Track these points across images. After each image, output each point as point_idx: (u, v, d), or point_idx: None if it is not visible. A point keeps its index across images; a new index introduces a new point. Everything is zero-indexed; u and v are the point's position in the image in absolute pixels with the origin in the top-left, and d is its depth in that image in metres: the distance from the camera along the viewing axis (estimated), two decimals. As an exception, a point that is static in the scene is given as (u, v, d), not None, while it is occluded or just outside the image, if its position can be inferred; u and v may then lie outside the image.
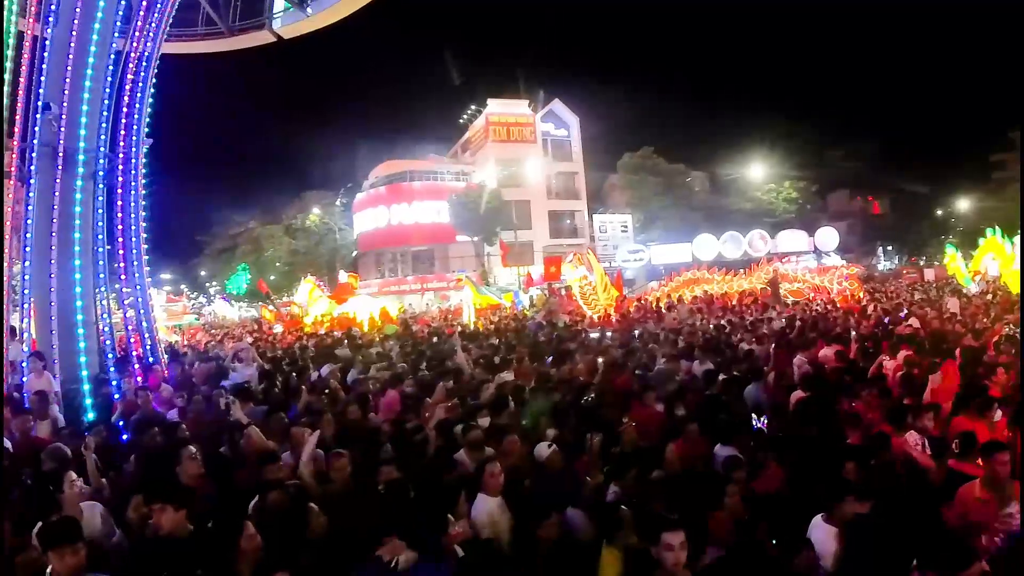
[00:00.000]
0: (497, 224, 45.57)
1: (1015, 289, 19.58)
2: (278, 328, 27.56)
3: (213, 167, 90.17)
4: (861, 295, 24.75)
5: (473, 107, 54.76)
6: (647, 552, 4.01)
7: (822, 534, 4.45)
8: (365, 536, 4.34)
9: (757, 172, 54.53)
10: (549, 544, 4.51)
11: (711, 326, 16.77)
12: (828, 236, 50.08)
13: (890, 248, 58.67)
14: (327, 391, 9.52)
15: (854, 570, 4.18)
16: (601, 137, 54.47)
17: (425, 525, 4.45)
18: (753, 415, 7.79)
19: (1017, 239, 20.81)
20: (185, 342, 24.40)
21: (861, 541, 4.29)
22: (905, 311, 16.99)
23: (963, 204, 54.13)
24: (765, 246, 47.91)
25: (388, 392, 9.20)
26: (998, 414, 6.74)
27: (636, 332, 16.47)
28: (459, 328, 20.47)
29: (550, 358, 12.21)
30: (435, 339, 17.22)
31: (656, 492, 5.14)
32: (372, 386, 9.74)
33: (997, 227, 24.11)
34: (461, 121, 56.83)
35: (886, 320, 15.74)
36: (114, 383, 10.45)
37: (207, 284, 61.41)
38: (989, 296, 20.45)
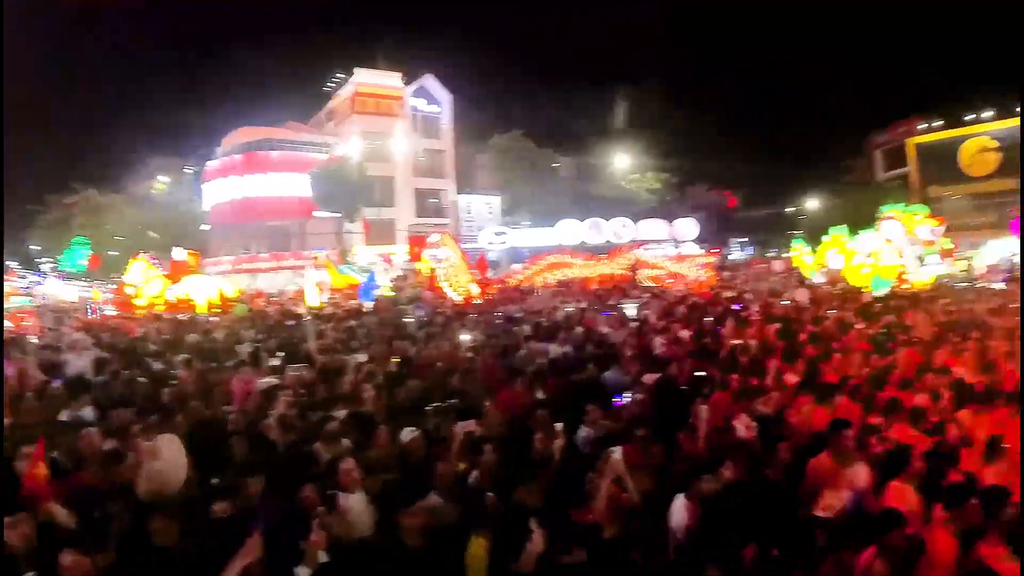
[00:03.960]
0: (360, 200, 44.22)
1: (854, 282, 21.32)
2: (109, 311, 25.56)
3: (46, 126, 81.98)
4: (715, 283, 26.04)
5: (340, 75, 52.52)
6: (515, 541, 3.98)
7: (680, 510, 4.78)
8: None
9: (622, 162, 56.11)
10: (416, 534, 4.37)
11: (571, 310, 16.98)
12: (687, 226, 52.30)
13: (743, 240, 62.79)
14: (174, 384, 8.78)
15: (704, 542, 4.37)
16: (472, 117, 53.85)
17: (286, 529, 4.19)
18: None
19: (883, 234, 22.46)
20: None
21: (712, 516, 4.57)
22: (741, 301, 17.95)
23: (812, 203, 58.43)
24: (627, 233, 49.38)
25: (239, 380, 8.59)
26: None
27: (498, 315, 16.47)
28: (307, 312, 19.43)
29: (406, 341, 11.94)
30: (289, 322, 16.46)
31: (521, 480, 5.01)
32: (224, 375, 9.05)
33: (842, 225, 25.92)
34: (326, 89, 54.45)
35: (736, 307, 16.47)
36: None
37: (39, 260, 55.98)
38: (831, 287, 22.14)
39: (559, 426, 6.20)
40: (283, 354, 10.87)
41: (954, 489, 4.72)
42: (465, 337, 12.04)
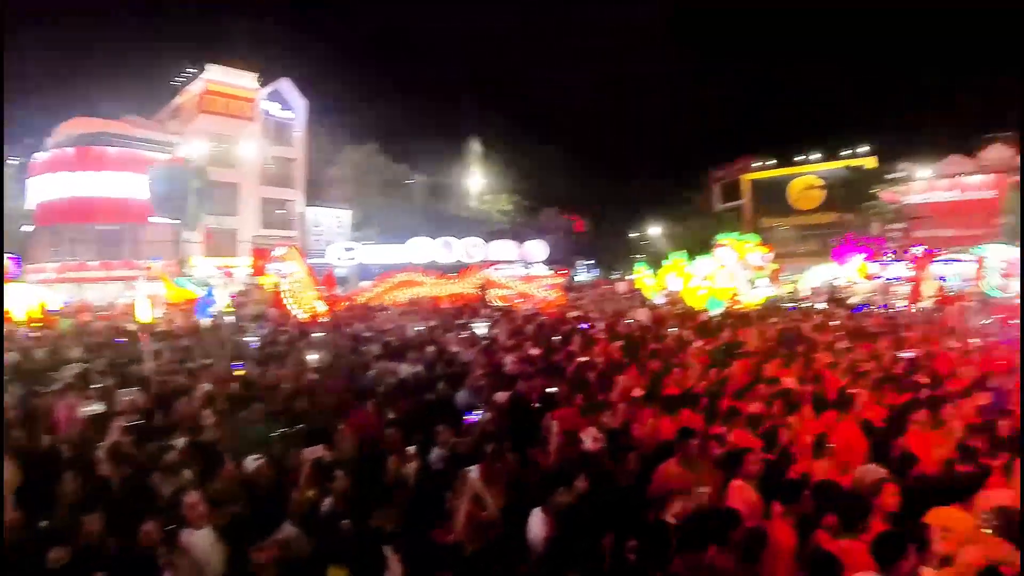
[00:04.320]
0: (201, 207, 41.05)
1: (691, 303, 22.75)
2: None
3: None
4: (563, 303, 26.89)
5: (191, 69, 48.53)
6: (374, 569, 3.91)
7: (537, 523, 4.89)
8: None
9: (475, 183, 56.77)
10: (270, 568, 4.19)
11: (422, 329, 16.92)
12: (536, 248, 53.56)
13: (590, 262, 65.59)
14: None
15: (563, 552, 4.47)
16: (326, 126, 51.95)
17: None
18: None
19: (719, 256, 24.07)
20: None
21: (568, 526, 4.72)
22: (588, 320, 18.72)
23: (654, 229, 62.44)
24: (478, 253, 49.83)
25: (64, 406, 7.85)
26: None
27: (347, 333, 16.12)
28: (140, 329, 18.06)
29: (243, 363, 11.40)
30: (120, 340, 15.29)
31: (376, 505, 4.92)
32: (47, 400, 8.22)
33: (681, 251, 27.78)
34: (173, 83, 50.16)
35: (583, 326, 17.03)
36: None
37: None
38: (671, 307, 23.47)
39: (412, 448, 6.13)
40: (114, 376, 10.07)
41: (789, 485, 5.24)
42: (311, 357, 11.67)
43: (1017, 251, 26.51)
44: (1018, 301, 21.19)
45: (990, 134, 47.27)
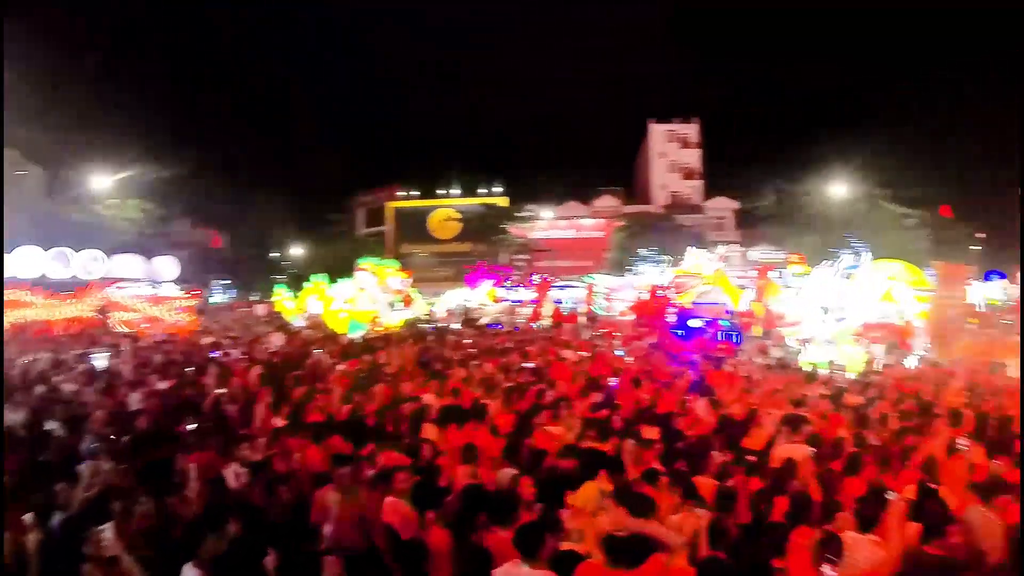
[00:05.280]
0: None
1: (333, 326, 23.04)
2: None
3: None
4: (196, 327, 25.36)
5: None
6: None
7: None
8: None
9: (100, 182, 49.01)
10: None
11: (32, 360, 14.62)
12: (166, 265, 48.75)
13: (226, 282, 61.85)
14: None
15: None
16: None
17: None
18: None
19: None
20: None
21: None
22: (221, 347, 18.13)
23: (296, 250, 61.82)
24: (98, 268, 43.87)
25: None
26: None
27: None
28: None
29: None
30: None
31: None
32: None
33: (322, 273, 27.99)
34: None
35: (215, 353, 16.24)
36: None
37: None
38: (313, 331, 23.33)
39: (29, 516, 5.34)
40: None
41: (438, 493, 5.75)
42: None
43: (616, 280, 32.90)
44: (623, 319, 25.86)
45: (602, 187, 63.10)
